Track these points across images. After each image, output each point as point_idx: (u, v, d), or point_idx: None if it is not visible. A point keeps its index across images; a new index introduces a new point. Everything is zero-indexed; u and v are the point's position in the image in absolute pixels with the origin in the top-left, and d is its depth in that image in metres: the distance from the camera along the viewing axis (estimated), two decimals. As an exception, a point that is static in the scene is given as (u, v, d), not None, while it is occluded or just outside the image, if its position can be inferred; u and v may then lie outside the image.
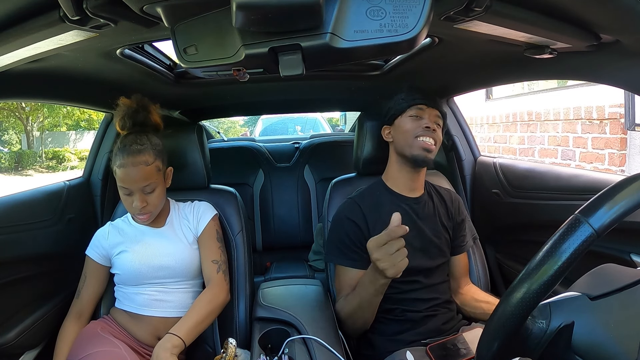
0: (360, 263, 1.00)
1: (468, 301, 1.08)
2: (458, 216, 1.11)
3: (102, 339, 0.93)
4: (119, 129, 1.03)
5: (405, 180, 1.06)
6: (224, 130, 8.37)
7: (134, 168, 0.95)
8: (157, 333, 0.99)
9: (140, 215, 0.99)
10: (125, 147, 0.96)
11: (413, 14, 0.45)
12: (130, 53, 0.89)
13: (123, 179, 0.95)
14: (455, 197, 1.14)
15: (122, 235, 1.05)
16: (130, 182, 0.95)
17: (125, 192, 0.97)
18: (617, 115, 2.54)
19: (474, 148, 1.56)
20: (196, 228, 1.08)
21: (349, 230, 1.02)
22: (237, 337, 1.05)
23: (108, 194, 1.47)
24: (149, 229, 1.05)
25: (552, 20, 0.63)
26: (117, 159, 0.96)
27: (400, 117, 1.05)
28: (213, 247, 1.06)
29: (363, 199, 1.06)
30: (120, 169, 0.95)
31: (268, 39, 0.47)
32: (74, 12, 0.52)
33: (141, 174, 0.95)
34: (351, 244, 1.01)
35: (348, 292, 1.00)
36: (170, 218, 1.08)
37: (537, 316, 0.50)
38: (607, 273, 0.54)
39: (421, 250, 1.02)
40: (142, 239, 1.03)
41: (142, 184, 0.96)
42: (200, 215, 1.09)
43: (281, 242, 2.06)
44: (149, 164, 0.96)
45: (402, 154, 1.04)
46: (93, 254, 1.05)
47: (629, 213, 0.44)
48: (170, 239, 1.04)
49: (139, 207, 0.97)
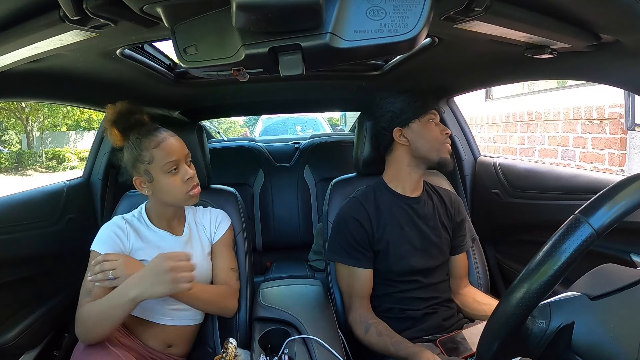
0: (364, 262, 1.01)
1: (469, 303, 1.08)
2: (457, 216, 1.11)
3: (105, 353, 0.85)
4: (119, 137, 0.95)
5: (412, 181, 1.07)
6: (224, 130, 8.35)
7: (173, 137, 0.95)
8: (169, 341, 0.98)
9: (194, 188, 0.95)
10: (149, 131, 0.93)
11: (413, 14, 0.45)
12: (130, 53, 0.89)
13: (169, 150, 0.92)
14: (455, 198, 1.15)
15: (142, 240, 0.98)
16: (177, 151, 0.93)
17: (172, 169, 0.92)
18: (617, 115, 2.53)
19: (474, 148, 1.56)
20: (213, 236, 1.06)
21: (354, 229, 1.02)
22: (237, 337, 1.04)
23: (108, 194, 1.47)
24: (169, 236, 1.00)
25: (552, 20, 0.63)
26: (146, 142, 0.91)
27: (419, 121, 1.05)
28: (230, 255, 1.06)
29: (366, 198, 1.06)
30: (162, 144, 0.92)
31: (268, 39, 0.47)
32: (74, 12, 0.52)
33: (181, 142, 0.96)
34: (355, 243, 1.01)
35: (357, 293, 1.01)
36: (188, 224, 1.05)
37: (537, 316, 0.50)
38: (607, 273, 0.54)
39: (421, 250, 1.03)
40: (163, 248, 0.98)
41: (185, 151, 0.96)
42: (218, 223, 1.08)
43: (281, 242, 2.07)
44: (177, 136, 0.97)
45: (426, 157, 1.04)
46: (107, 250, 0.92)
47: (629, 213, 0.44)
48: (191, 249, 1.02)
49: (192, 173, 0.95)
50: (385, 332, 0.93)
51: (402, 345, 0.88)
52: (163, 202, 0.98)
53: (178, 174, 0.93)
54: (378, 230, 1.02)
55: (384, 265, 1.02)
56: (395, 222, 1.03)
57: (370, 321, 0.96)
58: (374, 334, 0.93)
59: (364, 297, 1.02)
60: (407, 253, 1.02)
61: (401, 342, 0.89)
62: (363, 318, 0.98)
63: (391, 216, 1.04)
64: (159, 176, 0.92)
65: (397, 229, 1.03)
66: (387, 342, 0.90)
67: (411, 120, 1.05)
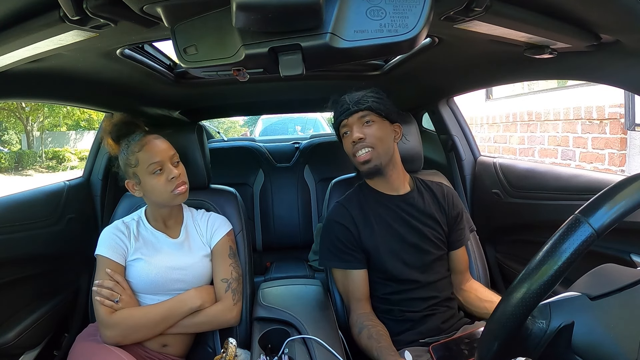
0: (354, 264, 1.01)
1: (472, 300, 1.07)
2: (453, 210, 1.09)
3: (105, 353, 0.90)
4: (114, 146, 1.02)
5: (382, 183, 1.06)
6: (224, 130, 8.36)
7: (157, 140, 0.98)
8: (165, 341, 0.98)
9: (180, 187, 0.97)
10: (136, 135, 0.98)
11: (413, 14, 0.45)
12: (130, 53, 0.89)
13: (152, 152, 0.95)
14: (449, 191, 1.12)
15: (140, 241, 1.01)
16: (160, 153, 0.96)
17: (157, 169, 0.95)
18: (617, 115, 2.53)
19: (474, 148, 1.56)
20: (209, 242, 1.06)
21: (339, 233, 1.02)
22: (237, 337, 1.04)
23: (108, 194, 1.47)
24: (165, 238, 1.03)
25: (552, 20, 0.63)
26: (133, 147, 0.96)
27: (342, 139, 1.06)
28: (224, 264, 1.05)
29: (350, 202, 1.07)
30: (145, 146, 0.95)
31: (268, 39, 0.47)
32: (74, 12, 0.52)
33: (166, 144, 0.99)
34: (342, 246, 1.01)
35: (353, 295, 1.01)
36: (185, 227, 1.06)
37: (537, 316, 0.50)
38: (607, 273, 0.54)
39: (414, 246, 1.02)
40: (159, 248, 1.01)
41: (170, 152, 0.98)
42: (214, 230, 1.07)
43: (281, 242, 2.07)
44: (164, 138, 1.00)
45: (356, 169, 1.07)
46: (114, 256, 0.96)
47: (629, 213, 0.44)
48: (186, 252, 1.02)
49: (177, 173, 0.97)
50: (375, 336, 0.92)
51: (384, 352, 0.87)
52: (153, 203, 1.01)
53: (163, 174, 0.96)
54: (365, 230, 1.02)
55: (378, 263, 1.01)
56: (381, 220, 1.03)
57: (365, 323, 0.96)
58: (365, 336, 0.93)
59: (360, 298, 1.01)
60: (399, 249, 1.01)
61: (385, 348, 0.88)
62: (359, 319, 0.98)
63: (377, 215, 1.03)
64: (145, 178, 0.96)
65: (385, 227, 1.02)
66: (373, 347, 0.90)
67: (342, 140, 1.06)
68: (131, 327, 0.92)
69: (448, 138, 1.58)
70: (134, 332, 0.92)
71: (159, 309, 0.95)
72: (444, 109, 1.58)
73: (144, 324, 0.93)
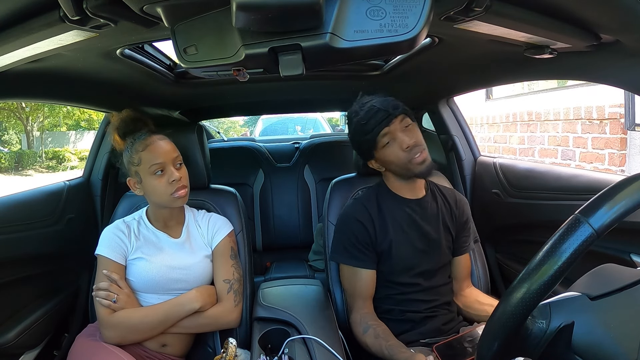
0: (367, 263, 1.01)
1: (471, 303, 1.07)
2: (462, 217, 1.10)
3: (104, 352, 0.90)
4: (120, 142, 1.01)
5: (406, 185, 1.06)
6: (224, 130, 8.35)
7: (162, 141, 0.97)
8: (165, 341, 0.98)
9: (179, 190, 0.96)
10: (142, 134, 0.98)
11: (413, 14, 0.45)
12: (130, 53, 0.90)
13: (155, 153, 0.95)
14: (460, 198, 1.13)
15: (140, 239, 1.01)
16: (163, 154, 0.95)
17: (158, 171, 0.95)
18: (617, 115, 2.53)
19: (474, 148, 1.56)
20: (210, 243, 1.06)
21: (357, 231, 1.02)
22: (237, 337, 1.04)
23: (108, 194, 1.47)
24: (166, 238, 1.03)
25: (552, 20, 0.63)
26: (137, 145, 0.96)
27: (379, 149, 0.99)
28: (225, 265, 1.04)
29: (369, 201, 1.06)
30: (149, 147, 0.95)
31: (268, 39, 0.47)
32: (74, 12, 0.52)
33: (170, 145, 0.98)
34: (358, 244, 1.01)
35: (359, 294, 1.01)
36: (187, 227, 1.06)
37: (537, 316, 0.50)
38: (607, 273, 0.54)
39: (423, 251, 1.03)
40: (160, 248, 1.01)
41: (173, 154, 0.98)
42: (215, 230, 1.07)
43: (281, 242, 2.07)
44: (169, 140, 1.00)
45: (403, 175, 1.02)
46: (114, 256, 0.97)
47: (629, 213, 0.44)
48: (187, 252, 1.02)
49: (178, 176, 0.96)
50: (383, 335, 0.92)
51: (396, 349, 0.87)
52: (153, 203, 1.01)
53: (164, 176, 0.96)
54: (381, 231, 1.02)
55: (387, 266, 1.02)
56: (396, 224, 1.03)
57: (370, 322, 0.96)
58: (372, 335, 0.93)
59: (366, 298, 1.02)
60: (409, 254, 1.01)
61: (396, 346, 0.89)
62: (363, 319, 0.98)
63: (393, 218, 1.03)
64: (146, 178, 0.96)
65: (399, 231, 1.02)
66: (382, 345, 0.90)
67: (374, 150, 1.00)
68: (130, 328, 0.92)
69: (448, 138, 1.57)
70: (133, 333, 0.93)
71: (158, 311, 0.95)
72: (444, 109, 1.58)
73: (143, 325, 0.93)
